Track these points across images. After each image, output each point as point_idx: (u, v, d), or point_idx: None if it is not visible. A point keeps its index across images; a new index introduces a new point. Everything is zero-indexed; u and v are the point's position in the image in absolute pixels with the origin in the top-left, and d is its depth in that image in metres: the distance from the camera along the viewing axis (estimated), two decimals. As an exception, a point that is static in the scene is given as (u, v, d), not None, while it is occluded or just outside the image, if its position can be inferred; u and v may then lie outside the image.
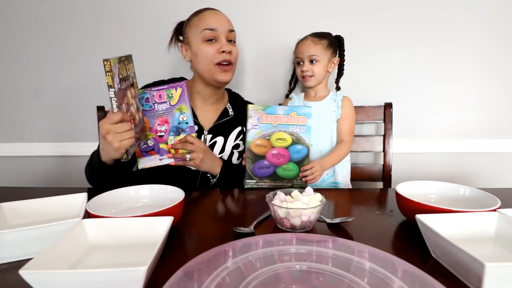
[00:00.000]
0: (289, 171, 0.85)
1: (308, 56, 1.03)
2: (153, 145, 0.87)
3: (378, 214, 0.69)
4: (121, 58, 0.69)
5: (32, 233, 0.48)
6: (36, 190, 0.98)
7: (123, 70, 0.70)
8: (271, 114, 0.83)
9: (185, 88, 0.88)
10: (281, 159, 0.84)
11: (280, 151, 0.84)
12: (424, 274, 0.39)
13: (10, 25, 1.25)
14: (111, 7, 1.23)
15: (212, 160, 0.90)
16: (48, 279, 0.36)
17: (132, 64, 0.77)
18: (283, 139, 0.84)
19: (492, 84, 1.26)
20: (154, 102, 0.87)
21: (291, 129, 0.84)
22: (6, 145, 1.34)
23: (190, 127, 0.88)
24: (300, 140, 0.84)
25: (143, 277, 0.36)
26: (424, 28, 1.22)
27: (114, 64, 0.65)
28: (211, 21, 0.91)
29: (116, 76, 0.65)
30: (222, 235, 0.58)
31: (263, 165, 0.84)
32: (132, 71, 0.77)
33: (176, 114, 0.88)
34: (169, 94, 0.87)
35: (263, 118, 0.83)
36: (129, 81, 0.75)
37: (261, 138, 0.83)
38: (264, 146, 0.83)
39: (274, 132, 0.83)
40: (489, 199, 0.59)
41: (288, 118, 0.83)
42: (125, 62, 0.72)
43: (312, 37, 1.04)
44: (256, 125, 0.83)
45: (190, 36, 0.93)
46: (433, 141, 1.30)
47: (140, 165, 0.86)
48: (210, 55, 0.90)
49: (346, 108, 1.06)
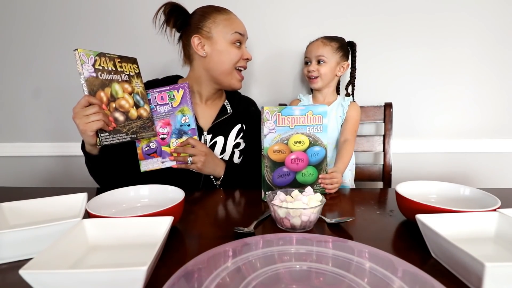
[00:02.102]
0: (309, 175, 0.81)
1: (315, 56, 1.02)
2: (155, 148, 0.87)
3: (378, 214, 0.69)
4: (104, 53, 0.77)
5: (32, 233, 0.48)
6: (36, 190, 0.98)
7: (105, 64, 0.76)
8: (288, 116, 0.79)
9: (187, 89, 0.88)
10: (300, 164, 0.80)
11: (298, 155, 0.80)
12: (424, 274, 0.39)
13: (10, 25, 1.25)
14: (111, 7, 1.23)
15: (214, 163, 0.89)
16: (48, 279, 0.36)
17: (131, 65, 0.83)
18: (300, 142, 0.80)
19: (491, 85, 1.26)
20: (156, 104, 0.87)
21: (308, 130, 0.80)
22: (6, 145, 1.35)
23: (192, 130, 0.88)
24: (318, 141, 0.81)
25: (143, 277, 0.36)
26: (424, 29, 1.22)
27: (84, 54, 0.72)
28: (240, 26, 0.92)
29: (87, 65, 0.72)
30: (222, 235, 0.58)
31: (283, 172, 0.80)
32: (130, 70, 0.83)
33: (178, 116, 0.88)
34: (171, 95, 0.87)
35: (279, 121, 0.78)
36: (121, 77, 0.80)
37: (278, 143, 0.79)
38: (282, 151, 0.79)
39: (291, 135, 0.79)
40: (489, 199, 0.59)
41: (305, 118, 0.80)
42: (115, 59, 0.79)
43: (323, 38, 1.05)
44: (273, 129, 0.78)
45: (215, 33, 0.89)
46: (433, 141, 1.30)
47: (143, 168, 0.86)
48: (236, 59, 0.91)
49: (351, 111, 1.06)
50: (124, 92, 0.80)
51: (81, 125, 0.71)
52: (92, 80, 0.73)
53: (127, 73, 0.82)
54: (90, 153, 0.81)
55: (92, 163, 0.84)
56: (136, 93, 0.83)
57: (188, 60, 0.96)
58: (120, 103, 0.78)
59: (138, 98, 0.83)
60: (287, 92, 1.29)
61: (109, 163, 0.85)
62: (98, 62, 0.75)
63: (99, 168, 0.86)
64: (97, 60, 0.75)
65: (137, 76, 0.84)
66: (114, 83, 0.78)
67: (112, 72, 0.78)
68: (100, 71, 0.75)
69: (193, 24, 0.91)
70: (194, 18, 0.92)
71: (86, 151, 0.81)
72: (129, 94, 0.81)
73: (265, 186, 0.78)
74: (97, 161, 0.83)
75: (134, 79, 0.83)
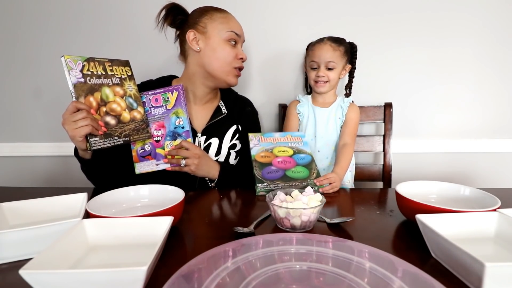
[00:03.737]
0: (299, 173, 0.84)
1: (325, 62, 0.99)
2: (150, 150, 0.87)
3: (378, 214, 0.69)
4: (94, 58, 0.77)
5: (32, 233, 0.48)
6: (36, 190, 0.98)
7: (94, 68, 0.77)
8: (269, 137, 0.93)
9: (181, 91, 0.88)
10: (288, 164, 0.85)
11: (285, 158, 0.87)
12: (424, 274, 0.39)
13: (11, 25, 1.25)
14: (112, 7, 1.23)
15: (208, 165, 0.88)
16: (48, 279, 0.36)
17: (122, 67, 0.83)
18: (284, 151, 0.89)
19: (492, 84, 1.26)
20: (150, 106, 0.87)
21: (290, 145, 0.91)
22: (6, 145, 1.34)
23: (186, 132, 0.88)
24: (302, 151, 0.90)
25: (143, 277, 0.36)
26: (424, 29, 1.22)
27: (71, 61, 0.73)
28: (237, 26, 0.92)
29: (74, 71, 0.73)
30: (222, 235, 0.58)
31: (271, 170, 0.83)
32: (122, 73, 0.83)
33: (172, 119, 0.87)
34: (165, 98, 0.87)
35: (262, 140, 0.91)
36: (111, 80, 0.80)
37: (264, 151, 0.89)
38: (268, 156, 0.88)
39: (275, 147, 0.90)
40: (489, 199, 0.59)
41: (285, 138, 0.93)
42: (105, 63, 0.79)
43: (331, 42, 1.00)
44: (258, 144, 0.91)
45: (210, 28, 0.89)
46: (433, 141, 1.30)
47: (137, 170, 0.86)
48: (230, 57, 0.91)
49: (351, 113, 1.05)
50: (115, 96, 0.79)
51: (70, 131, 0.72)
52: (80, 85, 0.74)
53: (119, 76, 0.81)
54: (83, 158, 0.81)
55: (86, 167, 0.84)
56: (128, 95, 0.82)
57: (183, 57, 0.96)
58: (111, 107, 0.78)
59: (131, 101, 0.82)
60: (286, 93, 1.29)
61: (103, 167, 0.85)
62: (87, 67, 0.75)
63: (93, 172, 0.86)
64: (86, 66, 0.75)
65: (130, 79, 0.84)
66: (104, 87, 0.78)
67: (102, 76, 0.78)
68: (88, 76, 0.75)
69: (190, 20, 0.91)
70: (192, 15, 0.92)
71: (79, 156, 0.82)
72: (121, 97, 0.81)
73: (257, 180, 0.82)
74: (91, 165, 0.83)
75: (127, 82, 0.83)
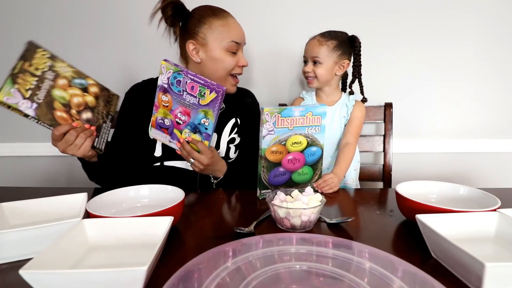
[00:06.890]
0: (304, 175, 0.83)
1: (311, 57, 0.98)
2: (168, 126, 0.82)
3: (378, 214, 0.69)
4: (15, 75, 0.67)
5: (32, 233, 0.48)
6: (36, 190, 0.98)
7: (27, 84, 0.67)
8: (287, 117, 0.78)
9: (221, 96, 0.77)
10: (296, 164, 0.81)
11: (295, 155, 0.80)
12: (424, 274, 0.39)
13: (11, 25, 1.25)
14: (112, 7, 1.23)
15: (213, 170, 0.87)
16: (48, 279, 0.36)
17: (38, 56, 0.72)
18: (298, 143, 0.80)
19: (492, 84, 1.26)
20: (184, 89, 0.78)
21: (307, 131, 0.80)
22: (6, 145, 1.34)
23: (207, 134, 0.81)
24: (315, 142, 0.82)
25: (143, 277, 0.36)
26: (424, 29, 1.22)
27: (9, 98, 0.64)
28: (237, 33, 0.89)
29: (21, 103, 0.65)
30: (222, 235, 0.58)
31: (279, 172, 0.80)
32: (45, 63, 0.72)
33: (200, 115, 0.79)
34: (202, 92, 0.77)
35: (278, 122, 0.77)
36: (47, 79, 0.70)
37: (276, 145, 0.78)
38: (279, 152, 0.79)
39: (290, 136, 0.79)
40: (489, 199, 0.59)
41: (304, 119, 0.79)
42: (24, 67, 0.69)
43: (320, 36, 0.98)
44: (272, 131, 0.77)
45: (209, 39, 0.87)
46: (433, 141, 1.30)
47: (151, 134, 0.84)
48: (231, 67, 0.90)
49: (356, 111, 1.02)
50: (66, 90, 0.71)
51: (77, 154, 0.72)
52: (39, 111, 0.67)
53: (46, 70, 0.71)
54: (91, 162, 0.81)
55: (95, 169, 0.84)
56: (72, 78, 0.73)
57: (184, 61, 0.95)
58: (75, 103, 0.71)
59: (78, 81, 0.73)
60: (286, 92, 1.29)
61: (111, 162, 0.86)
62: (22, 89, 0.66)
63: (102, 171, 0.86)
64: (19, 89, 0.66)
65: (55, 60, 0.72)
66: (52, 92, 0.70)
67: (38, 83, 0.68)
68: (32, 96, 0.67)
69: (189, 28, 0.89)
70: (191, 21, 0.89)
71: (87, 162, 0.81)
72: (70, 86, 0.72)
73: (260, 185, 0.79)
74: (100, 165, 0.83)
75: (56, 67, 0.72)
